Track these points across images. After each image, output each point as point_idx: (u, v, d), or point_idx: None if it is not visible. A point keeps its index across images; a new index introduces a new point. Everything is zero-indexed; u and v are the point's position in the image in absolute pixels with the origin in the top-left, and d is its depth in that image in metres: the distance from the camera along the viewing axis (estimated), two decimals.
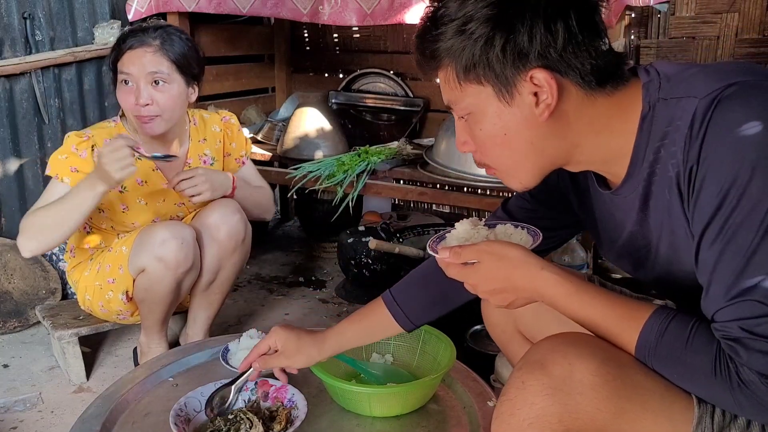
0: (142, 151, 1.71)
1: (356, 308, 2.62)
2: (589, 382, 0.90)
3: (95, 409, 1.38)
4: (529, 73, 0.91)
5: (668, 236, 0.97)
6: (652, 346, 0.92)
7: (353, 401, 1.38)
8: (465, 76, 0.95)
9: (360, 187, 2.49)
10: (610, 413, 0.90)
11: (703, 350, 0.88)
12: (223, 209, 1.95)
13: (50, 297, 2.51)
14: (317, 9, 2.37)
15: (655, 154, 0.93)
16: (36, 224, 1.75)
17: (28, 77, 2.60)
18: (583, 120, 0.96)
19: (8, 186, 2.63)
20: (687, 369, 0.90)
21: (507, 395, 0.95)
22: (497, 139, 0.98)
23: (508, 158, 1.00)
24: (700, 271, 0.90)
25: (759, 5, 2.67)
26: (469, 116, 0.99)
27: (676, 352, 0.90)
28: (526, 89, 0.92)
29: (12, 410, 1.94)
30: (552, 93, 0.91)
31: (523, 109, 0.94)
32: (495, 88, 0.94)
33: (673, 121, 0.90)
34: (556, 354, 0.93)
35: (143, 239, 1.83)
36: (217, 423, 1.32)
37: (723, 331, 0.86)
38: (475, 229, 1.15)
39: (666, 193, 0.93)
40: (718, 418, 0.91)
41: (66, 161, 1.85)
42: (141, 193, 1.94)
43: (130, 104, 1.84)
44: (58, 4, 2.68)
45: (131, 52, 1.82)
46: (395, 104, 3.25)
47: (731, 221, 0.84)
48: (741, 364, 0.84)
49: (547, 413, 0.90)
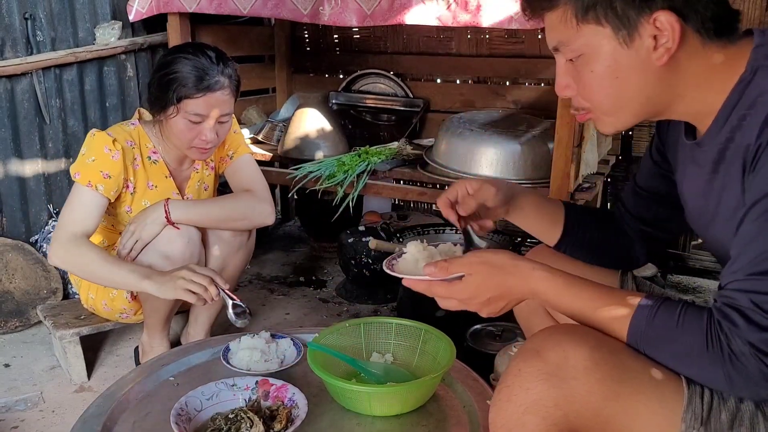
0: (228, 297, 1.66)
1: (357, 308, 2.65)
2: (582, 367, 0.93)
3: (96, 408, 1.39)
4: (654, 15, 0.90)
5: (727, 203, 0.98)
6: (643, 330, 0.95)
7: (353, 400, 1.38)
8: (584, 16, 0.94)
9: (360, 187, 2.49)
10: (604, 396, 0.93)
11: (694, 327, 0.91)
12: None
13: (51, 297, 2.51)
14: (317, 10, 2.37)
15: (739, 121, 0.94)
16: (76, 262, 1.76)
17: (29, 77, 2.60)
18: (693, 70, 0.95)
19: (9, 186, 2.63)
20: (679, 347, 0.92)
21: (504, 382, 0.98)
22: (607, 81, 0.97)
23: (613, 100, 0.99)
24: (736, 242, 0.92)
25: (759, 5, 2.67)
26: (579, 58, 0.98)
27: (668, 332, 0.93)
28: (647, 32, 0.92)
29: (13, 409, 1.95)
30: (674, 37, 0.91)
31: (640, 53, 0.93)
32: (615, 28, 0.93)
33: (764, 93, 0.90)
34: (551, 342, 0.97)
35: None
36: (218, 422, 1.33)
37: (729, 298, 0.88)
38: (426, 251, 1.24)
39: (736, 160, 0.94)
40: (707, 398, 0.94)
41: (95, 165, 1.81)
42: (148, 196, 1.94)
43: (190, 137, 1.83)
44: (59, 5, 2.68)
45: (210, 95, 1.79)
46: (395, 105, 3.25)
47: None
48: (734, 334, 0.87)
49: (543, 397, 0.93)
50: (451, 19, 2.15)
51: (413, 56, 3.27)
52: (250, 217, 1.98)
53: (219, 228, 1.96)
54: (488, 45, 3.07)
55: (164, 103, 1.81)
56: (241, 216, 1.96)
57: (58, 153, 2.75)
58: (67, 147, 2.78)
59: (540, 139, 2.37)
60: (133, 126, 1.94)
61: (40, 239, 2.68)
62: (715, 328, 0.89)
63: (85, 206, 1.80)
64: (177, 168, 2.00)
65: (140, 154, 1.92)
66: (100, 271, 1.73)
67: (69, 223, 1.78)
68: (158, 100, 1.83)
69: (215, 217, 1.92)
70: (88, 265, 1.74)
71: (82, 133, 2.75)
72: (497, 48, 3.05)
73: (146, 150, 1.93)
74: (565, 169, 2.12)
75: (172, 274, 1.65)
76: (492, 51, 3.07)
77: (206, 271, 1.67)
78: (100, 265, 1.72)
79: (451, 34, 3.14)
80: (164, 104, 1.81)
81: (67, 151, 2.78)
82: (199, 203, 1.95)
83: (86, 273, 1.78)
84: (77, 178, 1.81)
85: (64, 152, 2.77)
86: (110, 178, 1.82)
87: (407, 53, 3.29)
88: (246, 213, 1.97)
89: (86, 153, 1.83)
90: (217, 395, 1.39)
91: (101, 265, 1.72)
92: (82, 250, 1.74)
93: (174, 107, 1.80)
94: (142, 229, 1.83)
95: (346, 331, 1.58)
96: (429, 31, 3.17)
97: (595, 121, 1.06)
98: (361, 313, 2.61)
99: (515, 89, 3.04)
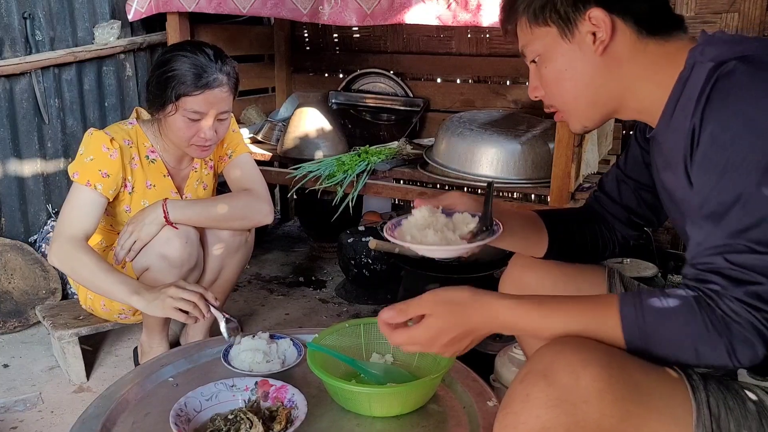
0: (218, 314, 1.63)
1: (356, 308, 2.65)
2: (594, 389, 0.89)
3: (95, 408, 1.38)
4: (588, 12, 1.03)
5: (684, 195, 1.02)
6: (641, 326, 0.93)
7: (353, 401, 1.38)
8: (535, 20, 1.08)
9: (360, 187, 2.49)
10: (616, 418, 0.89)
11: (681, 306, 0.92)
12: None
13: (50, 297, 2.51)
14: (317, 9, 2.37)
15: (680, 112, 1.00)
16: (72, 266, 1.76)
17: (28, 77, 2.60)
18: (634, 64, 1.05)
19: (8, 186, 2.63)
20: (676, 331, 0.92)
21: (511, 408, 0.93)
22: (559, 75, 1.09)
23: (568, 94, 1.11)
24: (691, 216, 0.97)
25: (759, 5, 2.67)
26: (538, 59, 1.11)
27: (662, 321, 0.92)
28: (585, 28, 1.04)
29: (12, 410, 1.95)
30: (606, 30, 1.03)
31: (582, 46, 1.06)
32: (559, 27, 1.06)
33: (696, 84, 0.97)
34: (560, 363, 0.91)
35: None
36: (217, 423, 1.32)
37: (704, 264, 0.91)
38: (433, 216, 1.16)
39: (678, 150, 1.00)
40: (713, 409, 0.92)
41: (93, 164, 1.81)
42: (147, 196, 1.94)
43: (189, 135, 1.83)
44: (58, 4, 2.68)
45: (209, 92, 1.79)
46: (395, 104, 3.25)
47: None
48: (720, 296, 0.89)
49: (554, 425, 0.89)
50: (451, 19, 2.15)
51: (413, 56, 3.27)
52: (249, 217, 1.97)
53: (218, 228, 1.95)
54: (488, 44, 3.07)
55: (163, 101, 1.80)
56: (240, 215, 1.95)
57: (57, 153, 2.75)
58: (66, 147, 2.77)
59: (540, 138, 2.36)
60: (131, 125, 1.93)
61: (38, 239, 2.68)
62: (701, 298, 0.90)
63: (85, 206, 1.79)
64: (175, 167, 2.00)
65: (138, 154, 1.91)
66: (92, 278, 1.73)
67: (68, 224, 1.78)
68: (157, 98, 1.82)
69: (214, 216, 1.91)
70: (81, 271, 1.74)
71: (81, 132, 2.74)
72: (497, 47, 3.05)
73: (144, 149, 1.93)
74: (566, 168, 2.12)
75: (160, 291, 1.63)
76: (492, 50, 3.07)
77: (195, 287, 1.65)
78: (92, 272, 1.72)
79: (451, 33, 3.14)
80: (163, 102, 1.81)
81: (66, 150, 2.77)
82: (198, 203, 1.95)
83: (81, 278, 1.77)
84: (76, 178, 1.80)
85: (63, 152, 2.77)
86: (109, 177, 1.82)
87: (407, 53, 3.28)
88: (245, 212, 1.96)
89: (84, 152, 1.83)
90: (217, 396, 1.39)
91: (94, 272, 1.72)
92: (79, 255, 1.74)
93: (173, 105, 1.79)
94: (140, 230, 1.82)
95: (345, 331, 1.57)
96: (429, 31, 3.17)
97: (567, 121, 1.16)
98: (361, 314, 2.61)
99: (515, 89, 3.04)
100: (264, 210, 1.99)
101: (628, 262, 2.12)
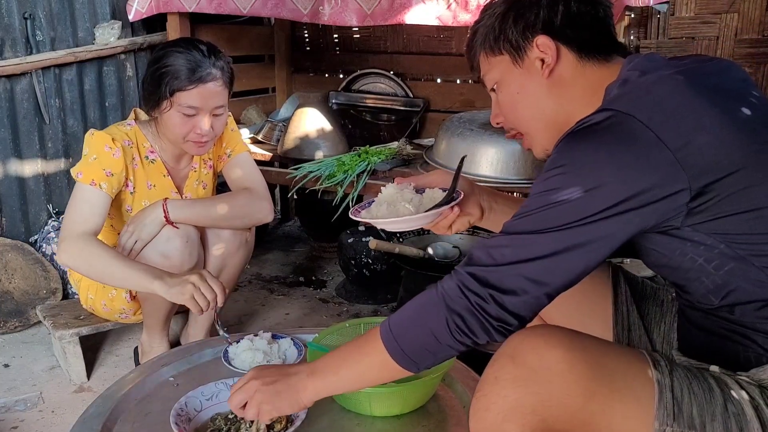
0: (217, 323, 1.70)
1: (357, 308, 2.65)
2: (557, 369, 0.93)
3: (96, 408, 1.38)
4: (535, 40, 1.12)
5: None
6: (395, 338, 1.06)
7: (353, 401, 1.38)
8: (491, 50, 1.18)
9: (360, 187, 2.49)
10: (581, 396, 0.93)
11: (418, 300, 1.07)
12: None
13: (51, 297, 2.51)
14: (317, 9, 2.37)
15: None
16: (88, 260, 1.72)
17: (28, 77, 2.60)
18: (576, 87, 1.13)
19: (9, 186, 2.63)
20: (416, 322, 1.06)
21: (481, 391, 0.98)
22: (513, 98, 1.18)
23: (523, 116, 1.19)
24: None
25: (758, 5, 2.67)
26: (496, 86, 1.20)
27: (405, 320, 1.07)
28: (533, 54, 1.13)
29: (13, 410, 1.95)
30: (552, 55, 1.11)
31: (531, 71, 1.14)
32: (511, 55, 1.15)
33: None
34: (525, 346, 0.97)
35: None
36: (218, 423, 1.32)
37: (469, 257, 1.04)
38: (400, 193, 1.23)
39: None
40: (677, 392, 0.93)
41: (97, 163, 1.81)
42: (148, 196, 1.94)
43: (184, 131, 1.83)
44: (59, 5, 2.68)
45: (202, 87, 1.79)
46: (395, 104, 3.25)
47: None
48: (450, 277, 1.03)
49: (521, 404, 0.93)
50: (451, 19, 2.15)
51: (413, 56, 3.27)
52: (249, 215, 1.97)
53: (218, 227, 1.95)
54: None
55: (158, 97, 1.81)
56: (240, 214, 1.95)
57: (58, 153, 2.75)
58: (67, 147, 2.77)
59: None
60: (129, 126, 1.94)
61: (39, 239, 2.68)
62: (434, 285, 1.03)
63: (90, 205, 1.79)
64: (175, 167, 2.00)
65: (138, 154, 1.91)
66: (110, 269, 1.70)
67: (75, 223, 1.77)
68: (152, 95, 1.82)
69: (214, 215, 1.91)
70: (97, 264, 1.72)
71: (81, 133, 2.74)
72: None
73: (144, 149, 1.93)
74: None
75: (183, 278, 1.63)
76: None
77: (216, 283, 1.64)
78: (111, 262, 1.70)
79: (451, 33, 3.14)
80: (158, 99, 1.81)
81: (66, 151, 2.78)
82: (198, 202, 1.95)
83: (97, 271, 1.74)
84: (80, 178, 1.80)
85: (64, 152, 2.77)
86: (113, 175, 1.82)
87: (407, 53, 3.29)
88: (245, 211, 1.96)
89: (88, 152, 1.83)
90: (217, 395, 1.39)
91: (112, 263, 1.70)
92: (93, 248, 1.72)
93: (167, 101, 1.80)
94: (141, 230, 1.83)
95: (346, 331, 1.57)
96: (429, 31, 3.17)
97: (530, 147, 1.23)
98: (361, 313, 2.61)
99: None
100: (264, 208, 1.99)
101: (627, 262, 2.12)
